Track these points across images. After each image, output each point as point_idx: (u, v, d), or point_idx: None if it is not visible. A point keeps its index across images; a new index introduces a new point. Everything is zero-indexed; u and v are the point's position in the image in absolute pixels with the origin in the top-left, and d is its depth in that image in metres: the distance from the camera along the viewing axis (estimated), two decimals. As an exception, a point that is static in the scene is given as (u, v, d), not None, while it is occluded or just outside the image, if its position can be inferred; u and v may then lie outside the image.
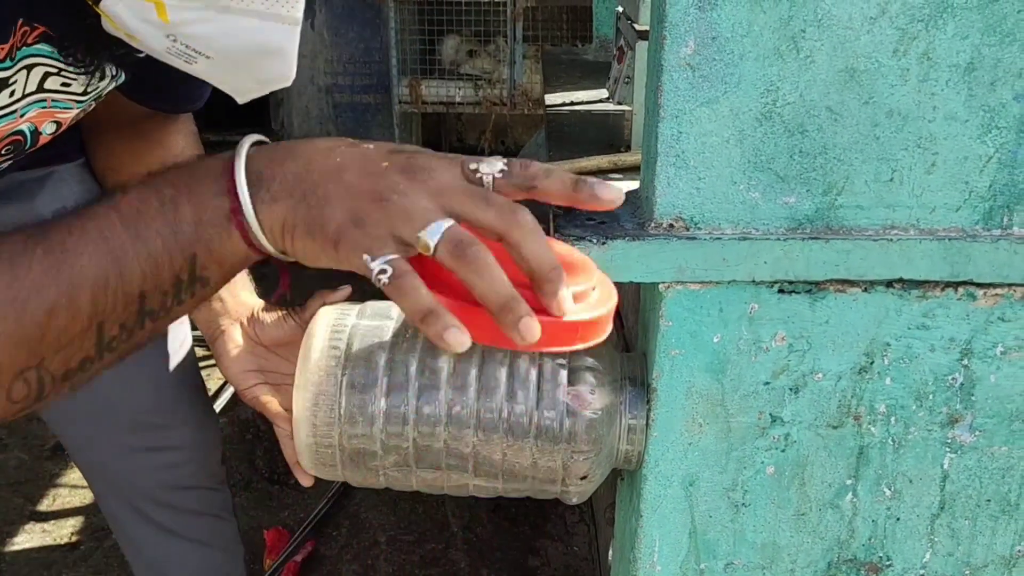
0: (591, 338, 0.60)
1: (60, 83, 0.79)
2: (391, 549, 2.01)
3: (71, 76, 0.79)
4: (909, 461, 0.91)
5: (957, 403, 0.88)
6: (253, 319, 0.98)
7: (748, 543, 0.94)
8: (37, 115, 0.82)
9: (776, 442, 0.90)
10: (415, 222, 0.57)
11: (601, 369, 0.84)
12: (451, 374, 0.81)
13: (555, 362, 0.83)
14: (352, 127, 4.09)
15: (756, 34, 0.75)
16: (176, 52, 0.67)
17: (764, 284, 0.83)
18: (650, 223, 0.82)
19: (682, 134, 0.78)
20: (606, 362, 0.85)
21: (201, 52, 0.67)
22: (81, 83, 0.81)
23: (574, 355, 0.84)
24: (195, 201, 0.59)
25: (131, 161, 1.06)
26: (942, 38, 0.76)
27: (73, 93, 0.82)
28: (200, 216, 0.59)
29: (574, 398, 0.81)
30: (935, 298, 0.84)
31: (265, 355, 0.97)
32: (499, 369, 0.82)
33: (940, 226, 0.82)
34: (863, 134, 0.78)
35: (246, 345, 0.96)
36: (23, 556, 1.99)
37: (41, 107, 0.81)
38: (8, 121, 0.79)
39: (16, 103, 0.79)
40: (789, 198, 0.81)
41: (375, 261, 0.57)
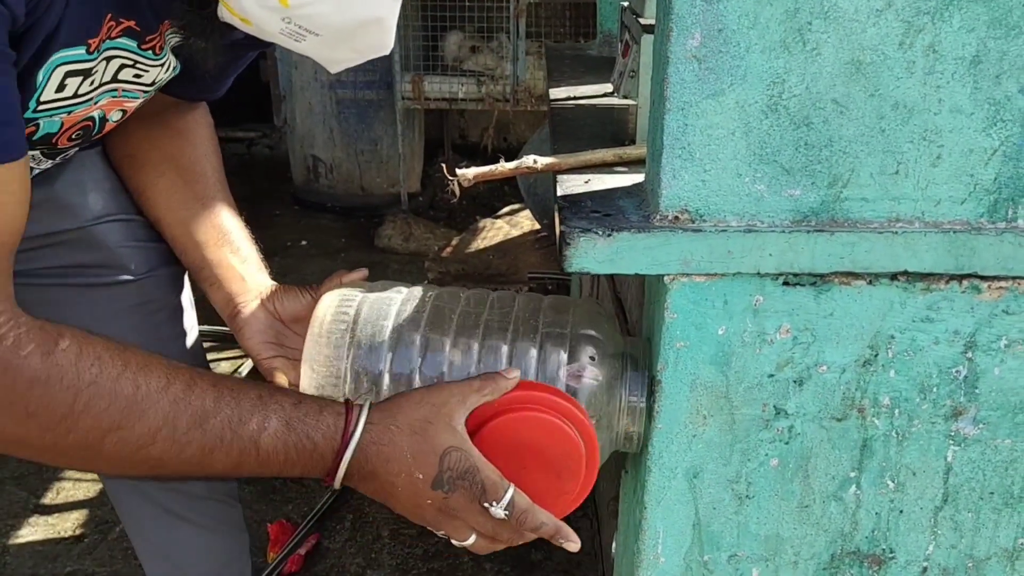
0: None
1: (133, 74, 0.85)
2: (394, 543, 2.01)
3: (144, 68, 0.85)
4: (913, 454, 0.91)
5: (961, 396, 0.89)
6: (272, 295, 1.03)
7: (752, 535, 0.94)
8: (108, 103, 0.88)
9: (780, 434, 0.90)
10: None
11: (602, 340, 0.87)
12: (453, 347, 0.85)
13: (557, 332, 0.86)
14: (355, 123, 4.09)
15: (762, 26, 0.75)
16: (287, 32, 0.75)
17: (769, 276, 0.83)
18: (655, 215, 0.82)
19: (688, 126, 0.79)
20: (607, 335, 0.88)
21: (311, 30, 0.75)
22: (152, 74, 0.87)
23: (575, 326, 0.87)
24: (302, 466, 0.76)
25: (149, 148, 1.08)
26: (948, 31, 0.76)
27: (143, 84, 0.88)
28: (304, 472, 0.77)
29: (574, 366, 0.85)
30: (939, 291, 0.84)
31: (283, 330, 1.02)
32: (501, 345, 0.85)
33: (945, 219, 0.82)
34: (869, 127, 0.79)
35: (265, 320, 1.01)
36: (27, 549, 1.99)
37: (112, 96, 0.87)
38: (84, 107, 0.85)
39: (93, 91, 0.85)
40: (794, 190, 0.81)
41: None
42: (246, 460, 0.74)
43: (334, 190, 4.19)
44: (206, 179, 1.09)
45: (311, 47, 0.78)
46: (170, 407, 0.72)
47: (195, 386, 0.74)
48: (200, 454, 0.73)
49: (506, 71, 3.87)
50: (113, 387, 0.70)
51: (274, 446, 0.74)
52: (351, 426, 0.76)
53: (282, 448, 0.74)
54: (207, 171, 1.10)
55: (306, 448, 0.75)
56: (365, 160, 4.15)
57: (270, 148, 4.99)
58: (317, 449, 0.75)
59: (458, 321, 0.88)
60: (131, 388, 0.71)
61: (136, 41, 0.82)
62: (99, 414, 0.70)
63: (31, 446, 0.71)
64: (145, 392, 0.71)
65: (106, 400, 0.70)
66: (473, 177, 0.96)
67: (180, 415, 0.72)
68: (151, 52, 0.85)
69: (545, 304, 0.93)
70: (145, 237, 1.12)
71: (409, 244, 3.80)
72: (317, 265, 3.60)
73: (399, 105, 3.95)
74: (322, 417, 0.76)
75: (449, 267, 3.10)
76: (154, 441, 0.71)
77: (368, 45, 0.79)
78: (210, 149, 1.12)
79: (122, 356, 0.72)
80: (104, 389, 0.70)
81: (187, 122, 1.11)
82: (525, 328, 0.88)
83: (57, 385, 0.69)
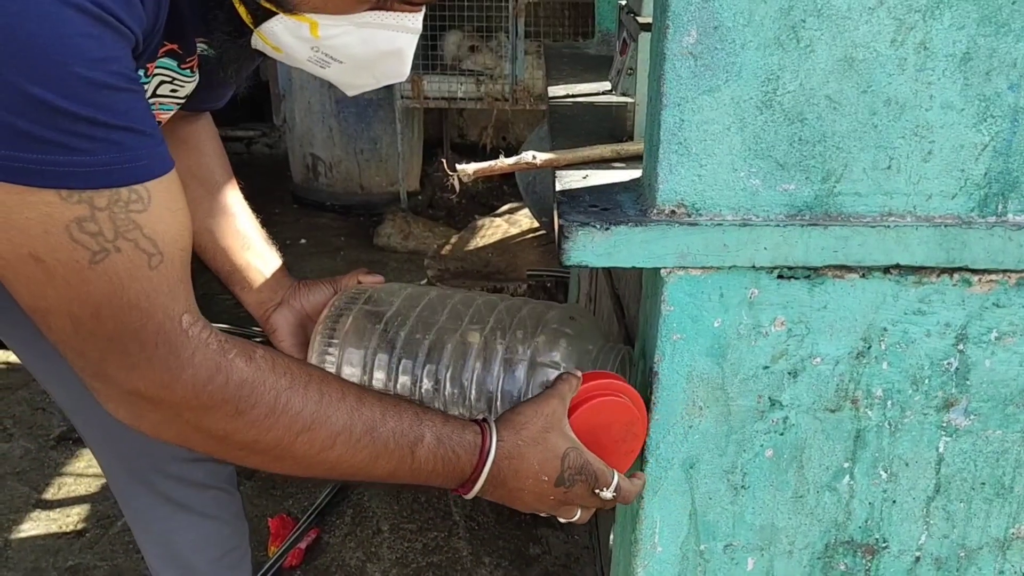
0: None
1: (170, 89, 0.91)
2: (394, 537, 2.02)
3: (181, 84, 0.92)
4: (905, 444, 0.93)
5: (952, 387, 0.90)
6: (296, 293, 1.12)
7: (747, 524, 0.96)
8: None
9: (775, 425, 0.91)
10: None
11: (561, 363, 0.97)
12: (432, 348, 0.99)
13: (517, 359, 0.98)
14: (354, 122, 4.10)
15: (757, 23, 0.77)
16: (315, 60, 0.83)
17: (764, 270, 0.85)
18: (652, 209, 0.84)
19: (684, 122, 0.80)
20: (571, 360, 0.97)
21: (336, 59, 0.83)
22: (187, 89, 0.93)
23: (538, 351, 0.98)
24: (444, 476, 0.85)
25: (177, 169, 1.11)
26: (939, 28, 0.78)
27: (178, 97, 0.94)
28: (444, 482, 0.85)
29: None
30: (931, 284, 0.86)
31: (311, 326, 1.10)
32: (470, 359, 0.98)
33: (936, 213, 0.83)
34: (861, 122, 0.80)
35: (294, 319, 1.12)
36: (29, 543, 2.01)
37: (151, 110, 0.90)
38: None
39: None
40: (789, 185, 0.82)
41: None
42: (402, 468, 0.82)
43: (333, 189, 4.20)
44: (223, 188, 1.16)
45: (334, 73, 0.86)
46: (347, 415, 0.79)
47: (365, 399, 0.82)
48: (368, 460, 0.81)
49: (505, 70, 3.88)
50: (304, 392, 0.78)
51: (426, 457, 0.82)
52: (487, 444, 0.84)
53: (432, 459, 0.83)
54: (222, 180, 1.17)
55: (451, 461, 0.83)
56: (364, 159, 4.16)
57: (269, 147, 4.99)
58: (460, 462, 0.84)
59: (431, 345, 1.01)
60: (317, 395, 0.79)
61: (177, 61, 0.88)
62: (295, 415, 0.77)
63: (234, 442, 0.77)
64: (328, 400, 0.79)
65: (300, 403, 0.77)
66: (473, 172, 0.97)
67: (355, 423, 0.80)
68: (189, 71, 0.91)
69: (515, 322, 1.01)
70: None
71: (408, 243, 3.82)
72: (316, 263, 3.61)
73: (398, 104, 3.95)
74: (464, 435, 0.84)
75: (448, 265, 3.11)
76: (334, 445, 0.79)
77: (385, 73, 0.88)
78: (220, 157, 1.19)
79: (304, 369, 0.81)
80: (298, 394, 0.77)
81: (197, 133, 1.15)
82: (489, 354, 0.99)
83: (261, 387, 0.76)
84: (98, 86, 0.64)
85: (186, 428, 0.76)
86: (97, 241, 0.67)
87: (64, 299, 0.69)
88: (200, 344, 0.73)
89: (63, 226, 0.66)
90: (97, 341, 0.71)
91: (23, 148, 0.63)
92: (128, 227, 0.68)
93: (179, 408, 0.74)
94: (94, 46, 0.64)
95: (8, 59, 0.61)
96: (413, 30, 0.83)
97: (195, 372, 0.73)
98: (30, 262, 0.67)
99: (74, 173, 0.65)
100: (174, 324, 0.72)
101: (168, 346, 0.72)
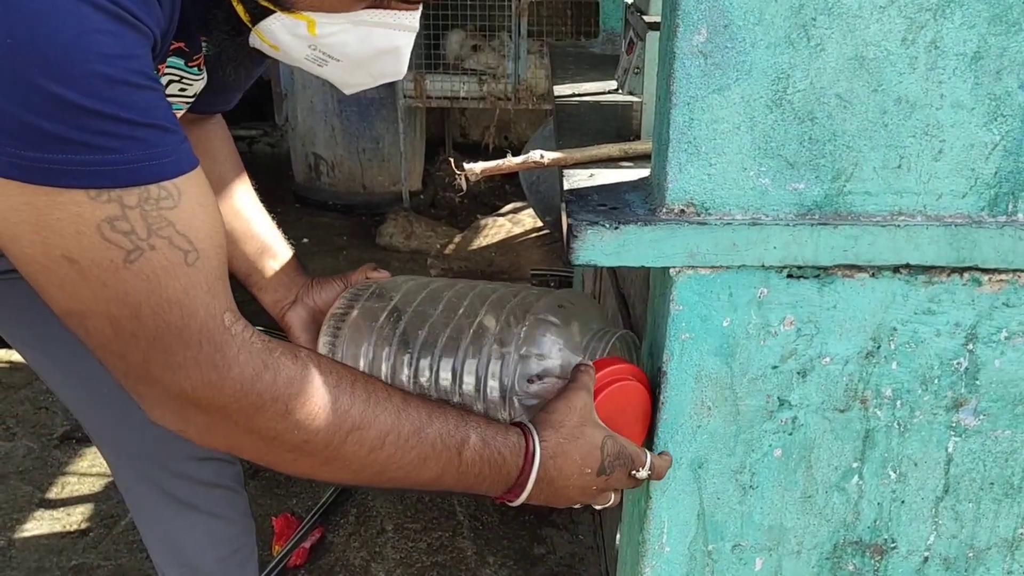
0: None
1: (179, 88, 0.91)
2: (398, 536, 2.02)
3: (189, 82, 0.91)
4: (914, 444, 0.92)
5: (962, 387, 0.90)
6: (309, 291, 1.14)
7: (755, 525, 0.96)
8: None
9: (784, 425, 0.91)
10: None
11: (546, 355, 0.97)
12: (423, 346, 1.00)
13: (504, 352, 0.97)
14: (356, 121, 4.10)
15: (767, 22, 0.76)
16: (312, 58, 0.83)
17: (773, 269, 0.85)
18: (661, 208, 0.83)
19: (694, 121, 0.80)
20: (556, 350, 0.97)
21: (333, 57, 0.82)
22: (195, 87, 0.93)
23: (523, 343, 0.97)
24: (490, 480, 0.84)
25: None
26: (949, 27, 0.77)
27: (187, 96, 0.93)
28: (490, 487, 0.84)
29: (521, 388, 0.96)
30: (941, 284, 0.86)
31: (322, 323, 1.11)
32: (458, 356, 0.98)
33: (947, 212, 0.83)
34: (872, 121, 0.80)
35: (307, 317, 1.13)
36: (33, 542, 2.01)
37: None
38: None
39: None
40: (798, 184, 0.82)
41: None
42: (449, 470, 0.81)
43: (335, 188, 4.20)
44: (236, 191, 1.17)
45: (331, 71, 0.85)
46: (394, 415, 0.79)
47: (410, 400, 0.81)
48: (416, 461, 0.80)
49: (508, 70, 3.89)
50: (352, 391, 0.77)
51: (472, 459, 0.82)
52: (531, 445, 0.84)
53: (479, 461, 0.82)
54: (236, 183, 1.18)
55: (497, 463, 0.83)
56: (367, 158, 4.15)
57: (271, 146, 5.00)
58: (506, 464, 0.83)
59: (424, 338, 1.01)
60: (364, 394, 0.78)
61: (184, 60, 0.88)
62: (344, 414, 0.76)
63: (285, 443, 0.75)
64: (375, 399, 0.78)
65: (348, 402, 0.76)
66: (481, 171, 0.97)
67: (403, 423, 0.79)
68: (196, 69, 0.90)
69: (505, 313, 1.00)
70: None
71: (410, 242, 3.82)
72: (318, 263, 3.61)
73: (401, 103, 3.96)
74: (508, 436, 0.84)
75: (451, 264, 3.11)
76: (383, 445, 0.78)
77: (382, 72, 0.87)
78: (233, 159, 1.20)
79: (348, 369, 0.80)
80: (345, 392, 0.76)
81: (209, 139, 1.17)
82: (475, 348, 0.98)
83: (310, 385, 0.74)
84: (120, 83, 0.64)
85: (235, 431, 0.74)
86: (130, 240, 0.66)
87: (101, 300, 0.68)
88: (244, 342, 0.72)
89: (94, 226, 0.65)
90: (139, 342, 0.69)
91: (49, 149, 0.62)
92: (161, 224, 0.67)
93: (228, 409, 0.72)
94: (114, 43, 0.63)
95: (29, 59, 0.60)
96: (410, 28, 0.83)
97: (242, 370, 0.71)
98: (64, 264, 0.66)
99: (102, 172, 0.64)
100: (217, 322, 0.71)
101: (213, 344, 0.70)
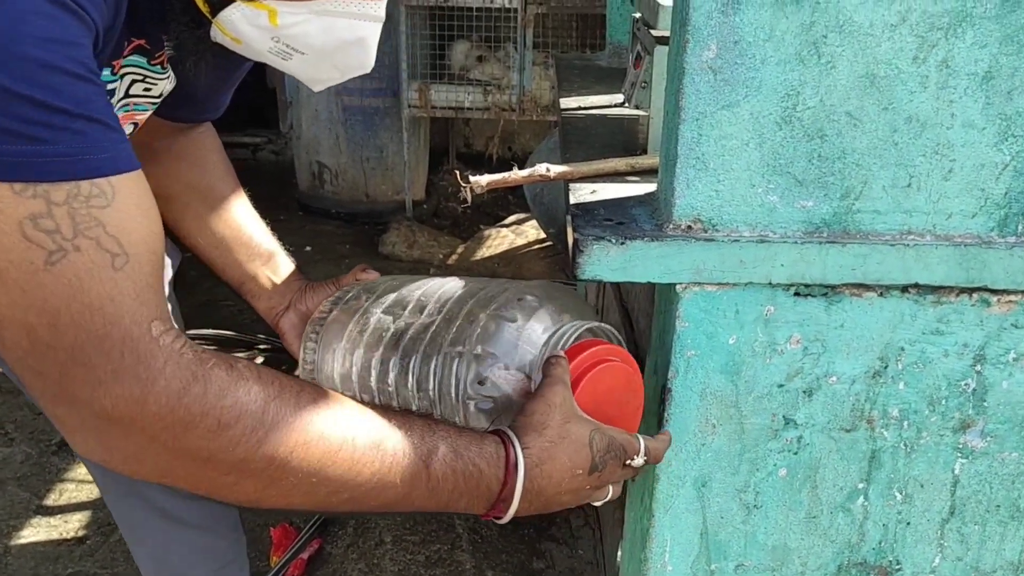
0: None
1: (143, 88, 0.88)
2: (396, 549, 2.01)
3: (153, 81, 0.88)
4: (921, 466, 0.91)
5: (969, 408, 0.89)
6: (302, 296, 1.12)
7: (759, 545, 0.95)
8: (122, 118, 0.89)
9: (789, 444, 0.90)
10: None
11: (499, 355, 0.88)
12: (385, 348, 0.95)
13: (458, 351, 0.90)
14: (361, 130, 4.10)
15: (778, 39, 0.76)
16: (276, 51, 0.79)
17: (780, 287, 0.84)
18: (668, 224, 0.83)
19: (702, 137, 0.79)
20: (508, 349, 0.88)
21: (298, 50, 0.79)
22: (160, 87, 0.90)
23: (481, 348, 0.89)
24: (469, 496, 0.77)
25: (170, 183, 1.13)
26: (961, 47, 0.77)
27: (151, 96, 0.90)
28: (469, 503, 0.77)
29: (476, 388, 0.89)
30: (950, 304, 0.85)
31: None
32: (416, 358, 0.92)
33: (956, 232, 0.83)
34: (882, 140, 0.79)
35: (300, 323, 1.11)
36: (29, 549, 1.99)
37: (125, 111, 0.90)
38: None
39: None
40: (807, 202, 0.82)
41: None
42: (417, 487, 0.74)
43: (339, 196, 4.20)
44: (225, 200, 1.15)
45: (296, 65, 0.82)
46: (347, 427, 0.72)
47: (366, 411, 0.75)
48: (376, 477, 0.73)
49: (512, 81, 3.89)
50: (296, 401, 0.70)
51: (443, 472, 0.75)
52: (511, 454, 0.77)
53: (451, 474, 0.75)
54: (225, 192, 1.16)
55: (473, 475, 0.76)
56: (370, 167, 4.15)
57: (275, 154, 5.00)
58: (483, 477, 0.76)
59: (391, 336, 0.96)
60: (311, 404, 0.71)
61: (146, 58, 0.85)
62: (286, 427, 0.69)
63: (221, 464, 0.68)
64: (325, 410, 0.72)
65: (292, 413, 0.69)
66: (486, 184, 0.97)
67: (358, 434, 0.72)
68: (159, 67, 0.88)
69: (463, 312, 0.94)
70: None
71: (413, 251, 3.81)
72: (321, 271, 3.60)
73: (405, 113, 3.96)
74: (484, 445, 0.77)
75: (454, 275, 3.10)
76: (335, 460, 0.71)
77: (349, 65, 0.84)
78: (222, 168, 1.18)
79: (295, 381, 0.73)
80: (288, 403, 0.70)
81: (197, 148, 1.15)
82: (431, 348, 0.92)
83: (245, 396, 0.68)
84: (55, 70, 0.59)
85: (164, 454, 0.66)
86: (54, 240, 0.61)
87: (19, 307, 0.61)
88: (173, 353, 0.65)
89: (16, 223, 0.59)
90: (56, 355, 0.63)
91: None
92: (89, 224, 0.62)
93: (154, 429, 0.65)
94: (51, 27, 0.59)
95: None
96: (375, 18, 0.80)
97: (168, 383, 0.64)
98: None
99: (28, 164, 0.59)
100: (142, 331, 0.64)
101: (136, 355, 0.64)
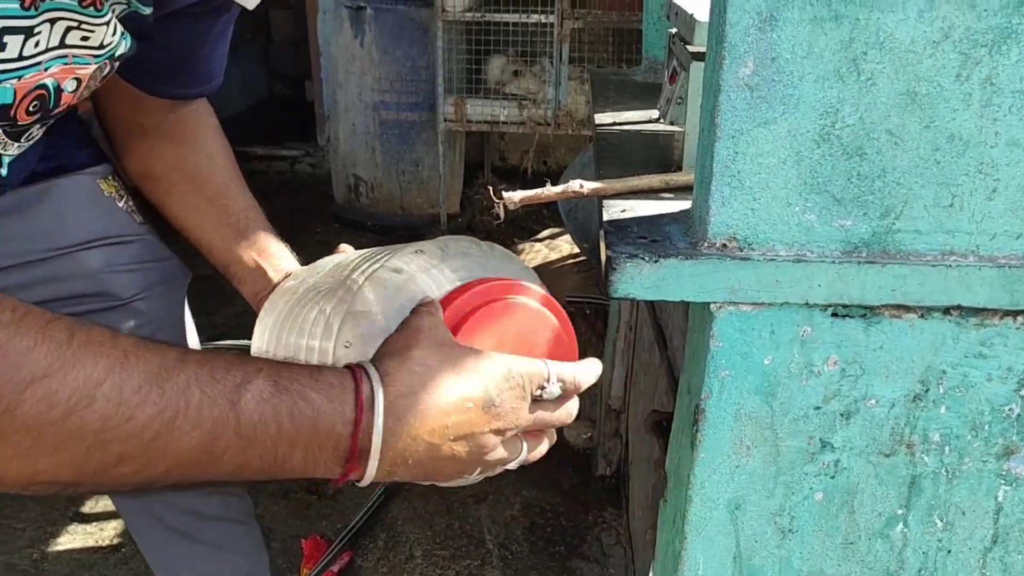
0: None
1: (80, 37, 0.80)
2: (426, 563, 2.01)
3: (90, 28, 0.81)
4: (962, 492, 0.89)
5: (1013, 434, 0.87)
6: (285, 281, 1.05)
7: (794, 570, 0.93)
8: (59, 71, 0.84)
9: (825, 468, 0.88)
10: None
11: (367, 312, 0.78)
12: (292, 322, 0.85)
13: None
14: (397, 144, 4.13)
15: (816, 55, 0.75)
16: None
17: (817, 307, 0.82)
18: (703, 243, 0.82)
19: (738, 154, 0.78)
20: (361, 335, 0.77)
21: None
22: (99, 35, 0.83)
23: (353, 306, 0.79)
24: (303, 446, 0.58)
25: (157, 163, 1.10)
26: (1005, 64, 0.75)
27: (91, 47, 0.83)
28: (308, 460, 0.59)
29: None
30: (993, 326, 0.83)
31: None
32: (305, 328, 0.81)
33: (1000, 253, 0.80)
34: (923, 158, 0.78)
35: None
36: (65, 556, 2.02)
37: (63, 63, 0.83)
38: (34, 72, 0.81)
39: (41, 55, 0.80)
40: (845, 221, 0.80)
41: None
42: (222, 434, 0.56)
43: (374, 209, 4.23)
44: (213, 181, 1.11)
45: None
46: (113, 360, 0.55)
47: (152, 344, 0.58)
48: (157, 424, 0.54)
49: (548, 95, 3.89)
50: (43, 331, 0.53)
51: (260, 412, 0.57)
52: (363, 383, 0.60)
53: (271, 415, 0.57)
54: (214, 173, 1.12)
55: (305, 415, 0.58)
56: (406, 180, 4.18)
57: (312, 166, 5.05)
58: (322, 416, 0.59)
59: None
60: (64, 335, 0.54)
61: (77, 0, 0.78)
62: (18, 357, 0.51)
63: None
64: (83, 340, 0.54)
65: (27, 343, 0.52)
66: (520, 200, 0.96)
67: (129, 369, 0.55)
68: (92, 8, 0.80)
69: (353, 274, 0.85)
70: (135, 259, 1.14)
71: (447, 265, 3.82)
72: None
73: (441, 127, 3.98)
74: (322, 375, 0.60)
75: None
76: (92, 401, 0.53)
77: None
78: (216, 149, 1.13)
79: (49, 314, 0.55)
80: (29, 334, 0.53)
81: (188, 128, 1.12)
82: (312, 317, 0.80)
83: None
84: None
85: None
86: None
87: None
88: None
89: None
90: None
91: None
92: None
93: None
94: None
95: None
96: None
97: None
98: None
99: None
100: None
101: None
